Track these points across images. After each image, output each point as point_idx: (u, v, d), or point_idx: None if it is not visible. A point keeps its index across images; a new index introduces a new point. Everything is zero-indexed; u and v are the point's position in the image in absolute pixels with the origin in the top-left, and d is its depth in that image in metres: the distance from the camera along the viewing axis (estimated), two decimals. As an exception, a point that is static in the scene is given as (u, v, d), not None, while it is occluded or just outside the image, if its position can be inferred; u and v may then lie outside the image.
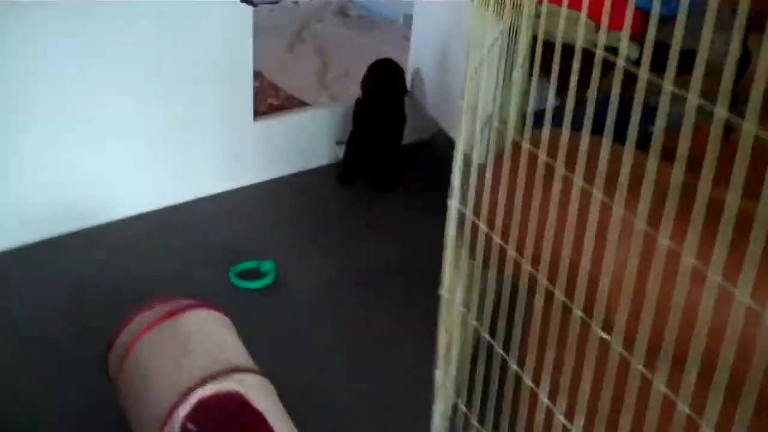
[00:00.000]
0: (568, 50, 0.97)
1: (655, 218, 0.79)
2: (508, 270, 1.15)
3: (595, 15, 0.92)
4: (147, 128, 2.59)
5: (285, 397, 1.65)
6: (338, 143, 3.04)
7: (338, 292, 2.38)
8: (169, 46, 2.53)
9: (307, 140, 3.02)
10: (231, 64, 2.69)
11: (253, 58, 2.74)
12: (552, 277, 1.11)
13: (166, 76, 2.56)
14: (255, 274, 2.40)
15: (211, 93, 2.68)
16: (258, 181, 2.91)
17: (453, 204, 1.21)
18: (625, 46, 0.86)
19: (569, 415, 0.98)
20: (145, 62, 2.50)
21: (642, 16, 2.22)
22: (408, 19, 4.37)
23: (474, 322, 1.19)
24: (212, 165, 2.79)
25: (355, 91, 3.50)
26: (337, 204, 2.89)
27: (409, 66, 3.24)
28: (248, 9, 2.65)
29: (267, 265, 2.41)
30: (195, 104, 2.66)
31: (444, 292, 1.27)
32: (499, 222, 1.22)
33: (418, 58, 3.18)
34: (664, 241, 0.77)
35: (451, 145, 2.94)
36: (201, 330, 1.78)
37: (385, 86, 3.06)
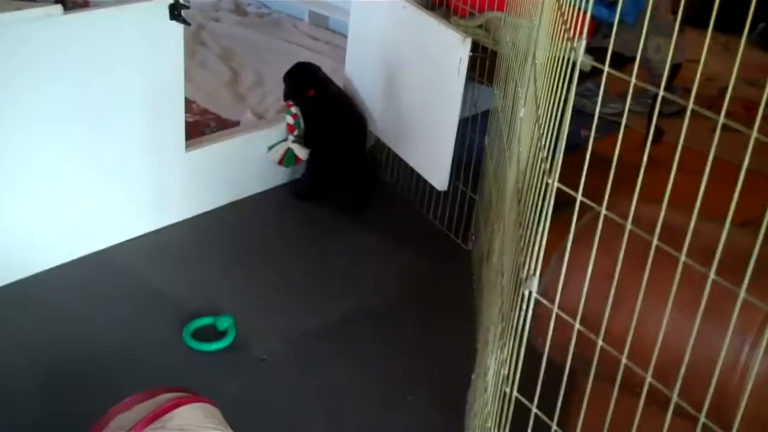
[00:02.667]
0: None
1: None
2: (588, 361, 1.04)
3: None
4: (69, 167, 2.24)
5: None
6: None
7: (307, 348, 2.15)
8: (88, 71, 2.19)
9: (243, 165, 2.74)
10: (160, 90, 2.37)
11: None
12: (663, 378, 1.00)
13: (87, 108, 2.22)
14: (211, 333, 2.13)
15: (139, 123, 2.36)
16: (195, 214, 2.62)
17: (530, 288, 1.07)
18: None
19: None
20: (62, 93, 2.15)
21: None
22: (315, 18, 4.11)
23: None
24: (144, 202, 2.47)
25: (273, 101, 3.25)
26: (290, 235, 2.64)
27: (346, 72, 3.00)
28: (179, 27, 2.33)
29: (224, 322, 2.14)
30: (120, 137, 2.33)
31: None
32: (582, 307, 1.08)
33: (354, 65, 2.95)
34: None
35: (388, 156, 2.79)
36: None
37: (327, 86, 2.84)
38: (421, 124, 2.52)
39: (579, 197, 1.05)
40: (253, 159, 2.75)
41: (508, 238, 1.56)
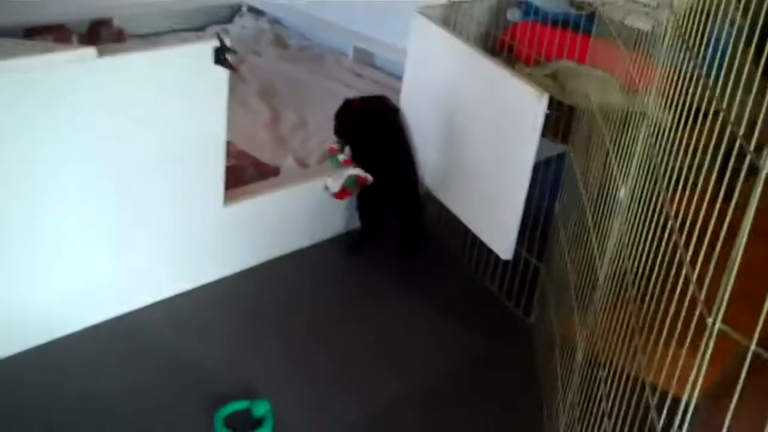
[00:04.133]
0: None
1: None
2: None
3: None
4: (97, 223, 2.03)
5: None
6: None
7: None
8: (123, 120, 1.97)
9: (285, 219, 2.51)
10: (200, 141, 2.16)
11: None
12: None
13: (119, 160, 2.01)
14: (246, 420, 1.89)
15: (176, 177, 2.14)
16: (231, 273, 2.40)
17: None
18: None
19: None
20: (93, 145, 1.94)
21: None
22: (359, 53, 3.90)
23: None
24: (177, 260, 2.25)
25: (315, 145, 3.04)
26: (333, 301, 2.39)
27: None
28: (223, 73, 2.12)
29: (261, 407, 1.90)
30: (155, 191, 2.11)
31: None
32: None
33: (408, 110, 2.72)
34: None
35: (440, 214, 2.55)
36: None
37: (382, 124, 2.65)
38: (485, 184, 2.28)
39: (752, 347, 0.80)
40: (296, 212, 2.53)
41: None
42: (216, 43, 2.08)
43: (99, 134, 1.93)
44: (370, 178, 2.50)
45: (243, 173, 2.79)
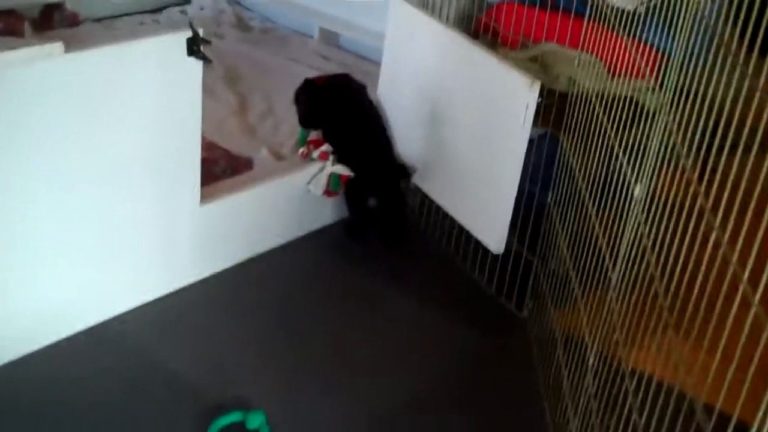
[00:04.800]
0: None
1: None
2: None
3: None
4: (68, 228, 1.90)
5: None
6: None
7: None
8: (93, 119, 1.85)
9: (265, 215, 2.41)
10: (175, 138, 2.04)
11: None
12: None
13: (90, 161, 1.88)
14: (240, 433, 1.80)
15: (149, 177, 2.02)
16: (212, 273, 2.29)
17: None
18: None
19: None
20: (63, 146, 1.81)
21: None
22: (326, 35, 3.78)
23: None
24: (154, 263, 2.13)
25: (286, 132, 2.92)
26: (319, 300, 2.29)
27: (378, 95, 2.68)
28: (197, 65, 2.00)
29: (256, 419, 1.81)
30: (128, 193, 1.99)
31: None
32: None
33: (388, 97, 2.62)
34: None
35: (423, 204, 2.48)
36: None
37: (354, 103, 2.56)
38: (473, 176, 2.20)
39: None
40: (275, 208, 2.42)
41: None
42: (189, 34, 1.95)
43: (68, 135, 1.81)
44: (351, 174, 2.41)
45: (214, 166, 2.67)
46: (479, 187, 2.17)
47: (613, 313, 1.46)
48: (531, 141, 2.02)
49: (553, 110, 2.12)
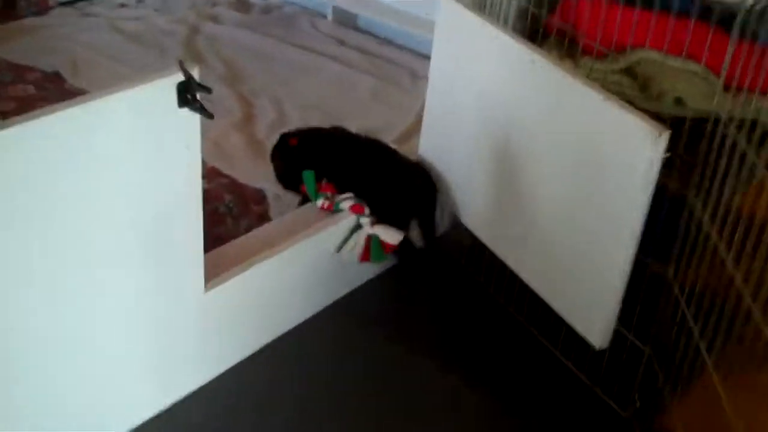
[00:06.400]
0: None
1: None
2: None
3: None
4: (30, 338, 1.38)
5: None
6: None
7: None
8: (65, 194, 1.31)
9: (282, 291, 1.89)
10: (169, 211, 1.50)
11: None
12: None
13: (62, 248, 1.35)
14: None
15: (140, 262, 1.49)
16: (220, 373, 1.79)
17: None
18: None
19: None
20: (27, 232, 1.27)
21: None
22: (341, 15, 3.20)
23: None
24: (150, 372, 1.63)
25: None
26: (355, 374, 1.80)
27: (423, 137, 2.15)
28: (194, 118, 1.46)
29: None
30: (113, 285, 1.47)
31: None
32: None
33: (435, 122, 2.08)
34: None
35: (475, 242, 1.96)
36: None
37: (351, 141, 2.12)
38: (566, 245, 1.67)
39: None
40: (294, 280, 1.90)
41: None
42: (179, 77, 1.40)
43: (36, 215, 1.27)
44: (398, 239, 1.89)
45: (218, 204, 2.16)
46: (575, 262, 1.64)
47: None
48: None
49: (678, 163, 1.57)
